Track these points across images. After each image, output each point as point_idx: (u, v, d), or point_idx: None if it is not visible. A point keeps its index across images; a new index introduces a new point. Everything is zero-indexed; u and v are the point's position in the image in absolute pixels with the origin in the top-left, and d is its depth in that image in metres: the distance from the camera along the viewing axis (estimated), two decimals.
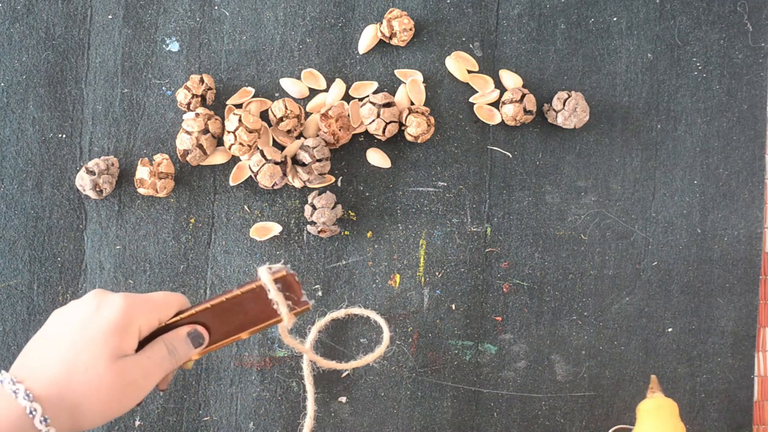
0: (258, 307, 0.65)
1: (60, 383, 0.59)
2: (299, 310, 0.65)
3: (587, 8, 0.81)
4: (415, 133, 0.78)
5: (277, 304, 0.64)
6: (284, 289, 0.65)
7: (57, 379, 0.59)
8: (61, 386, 0.59)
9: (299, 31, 0.80)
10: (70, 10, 0.79)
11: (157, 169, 0.76)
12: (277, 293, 0.64)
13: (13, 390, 0.58)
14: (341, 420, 0.79)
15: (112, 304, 0.61)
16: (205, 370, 0.78)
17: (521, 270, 0.80)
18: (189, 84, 0.77)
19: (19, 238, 0.78)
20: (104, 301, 0.62)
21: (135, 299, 0.62)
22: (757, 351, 0.82)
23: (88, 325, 0.61)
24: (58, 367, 0.59)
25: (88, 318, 0.61)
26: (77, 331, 0.61)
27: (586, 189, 0.81)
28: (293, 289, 0.65)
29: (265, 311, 0.65)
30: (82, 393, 0.60)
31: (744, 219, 0.81)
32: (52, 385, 0.59)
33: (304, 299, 0.65)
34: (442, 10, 0.81)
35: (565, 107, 0.78)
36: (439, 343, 0.80)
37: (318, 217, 0.77)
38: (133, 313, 0.62)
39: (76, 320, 0.61)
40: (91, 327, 0.60)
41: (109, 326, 0.60)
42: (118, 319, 0.61)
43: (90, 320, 0.61)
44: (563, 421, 0.80)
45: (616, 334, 0.81)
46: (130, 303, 0.62)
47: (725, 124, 0.82)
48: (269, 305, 0.65)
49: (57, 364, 0.59)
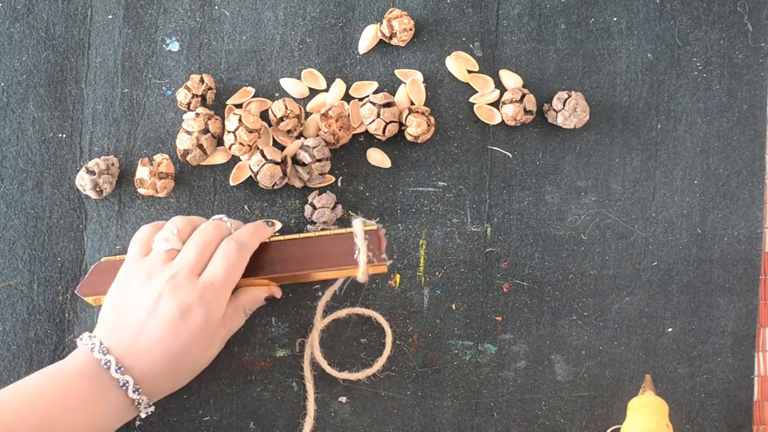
0: (342, 252, 0.70)
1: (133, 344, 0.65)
2: (377, 264, 0.70)
3: (587, 8, 0.81)
4: (415, 133, 0.78)
5: (359, 250, 0.69)
6: (370, 244, 0.70)
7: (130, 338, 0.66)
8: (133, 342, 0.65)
9: (299, 31, 0.80)
10: (70, 10, 0.79)
11: (157, 169, 0.76)
12: (363, 241, 0.69)
13: (103, 361, 0.64)
14: (341, 420, 0.79)
15: (195, 317, 0.66)
16: (205, 370, 0.78)
17: (521, 270, 0.80)
18: (189, 84, 0.77)
19: (19, 238, 0.78)
20: (185, 307, 0.66)
21: (212, 298, 0.66)
22: (757, 351, 0.82)
23: (176, 333, 0.66)
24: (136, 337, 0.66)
25: (175, 325, 0.66)
26: (167, 333, 0.66)
27: (586, 189, 0.81)
28: (377, 245, 0.70)
29: (346, 259, 0.70)
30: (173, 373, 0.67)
31: (744, 219, 0.81)
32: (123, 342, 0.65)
33: (383, 257, 0.70)
34: (442, 10, 0.81)
35: (565, 107, 0.78)
36: (439, 343, 0.80)
37: (318, 217, 0.77)
38: (215, 314, 0.67)
39: (161, 323, 0.66)
40: (178, 335, 0.66)
41: (195, 336, 0.66)
42: (203, 327, 0.66)
43: (178, 329, 0.66)
44: (563, 421, 0.80)
45: (616, 334, 0.81)
46: (209, 306, 0.66)
47: (725, 124, 0.82)
48: (351, 255, 0.69)
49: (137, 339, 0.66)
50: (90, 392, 0.63)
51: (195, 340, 0.66)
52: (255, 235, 0.70)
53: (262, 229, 0.72)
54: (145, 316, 0.65)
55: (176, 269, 0.67)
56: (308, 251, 0.70)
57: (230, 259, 0.67)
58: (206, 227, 0.69)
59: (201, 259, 0.68)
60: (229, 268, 0.67)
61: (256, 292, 0.71)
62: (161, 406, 0.78)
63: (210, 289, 0.66)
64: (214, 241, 0.69)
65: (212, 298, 0.66)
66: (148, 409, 0.67)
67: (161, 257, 0.68)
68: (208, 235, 0.69)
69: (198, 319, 0.65)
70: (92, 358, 0.64)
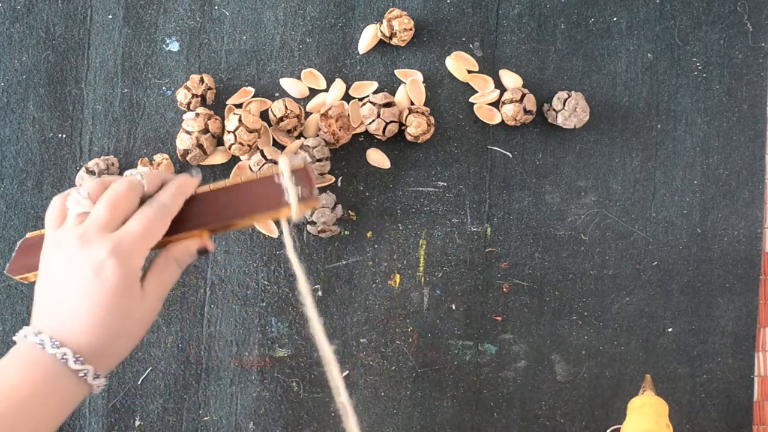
0: (271, 194, 0.66)
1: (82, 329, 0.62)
2: (308, 203, 0.66)
3: (587, 8, 0.81)
4: (415, 133, 0.78)
5: (287, 191, 0.66)
6: (299, 182, 0.66)
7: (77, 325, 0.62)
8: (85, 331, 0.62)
9: (299, 31, 0.80)
10: (70, 10, 0.79)
11: (157, 169, 0.76)
12: (289, 181, 0.66)
13: (38, 342, 0.60)
14: (341, 420, 0.79)
15: (109, 271, 0.62)
16: (205, 370, 0.78)
17: (521, 270, 0.80)
18: (189, 84, 0.77)
19: (19, 238, 0.78)
20: (96, 263, 0.62)
21: (126, 250, 0.63)
22: (757, 351, 0.82)
23: (93, 291, 0.62)
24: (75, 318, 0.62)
25: (90, 283, 0.62)
26: (85, 294, 0.62)
27: (586, 189, 0.81)
28: (307, 183, 0.66)
29: (277, 200, 0.66)
30: (108, 334, 0.62)
31: (744, 219, 0.81)
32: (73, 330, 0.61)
33: (315, 194, 0.67)
34: (442, 10, 0.81)
35: (565, 107, 0.78)
36: (439, 343, 0.80)
37: (318, 217, 0.77)
38: (132, 267, 0.63)
39: (77, 285, 0.62)
40: (95, 293, 0.62)
41: (113, 291, 0.62)
42: (120, 282, 0.62)
43: (93, 286, 0.62)
44: (563, 421, 0.80)
45: (616, 334, 0.81)
46: (124, 259, 0.62)
47: (725, 124, 0.82)
48: (283, 196, 0.66)
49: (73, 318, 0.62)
50: (37, 376, 0.62)
51: (118, 295, 0.63)
52: (178, 194, 0.66)
53: (186, 185, 0.67)
54: (62, 282, 0.63)
55: (84, 228, 0.63)
56: (236, 198, 0.67)
57: (148, 217, 0.64)
58: (117, 184, 0.65)
59: (112, 215, 0.64)
60: (146, 224, 0.64)
61: (188, 243, 0.67)
62: (161, 406, 0.78)
63: (123, 242, 0.62)
64: (125, 196, 0.65)
65: (126, 250, 0.62)
66: (98, 381, 0.64)
67: (73, 222, 0.65)
68: (118, 191, 0.65)
69: (112, 273, 0.62)
70: (29, 343, 0.63)
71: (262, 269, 0.79)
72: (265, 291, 0.79)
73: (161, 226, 0.65)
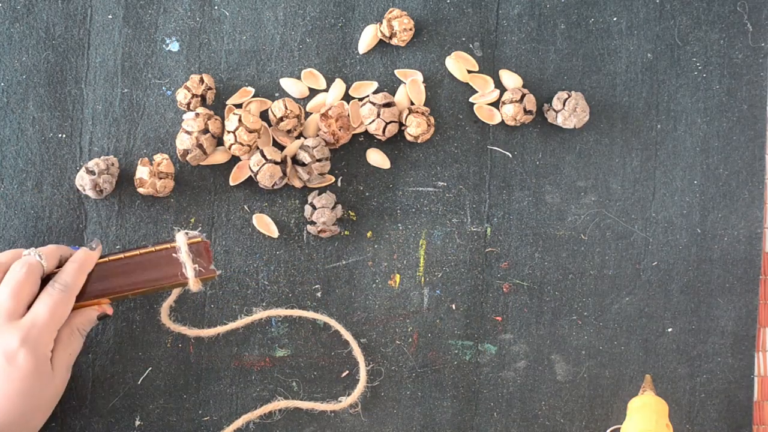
0: (169, 267, 0.70)
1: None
2: (205, 276, 0.70)
3: (587, 8, 0.81)
4: (415, 133, 0.78)
5: (185, 265, 0.70)
6: (196, 255, 0.70)
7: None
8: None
9: (299, 31, 0.80)
10: (70, 10, 0.79)
11: (157, 169, 0.76)
12: (187, 255, 0.70)
13: None
14: (341, 420, 0.79)
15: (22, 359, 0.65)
16: (205, 370, 0.78)
17: (521, 270, 0.80)
18: (189, 84, 0.77)
19: (19, 238, 0.78)
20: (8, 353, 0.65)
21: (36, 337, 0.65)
22: (757, 351, 0.82)
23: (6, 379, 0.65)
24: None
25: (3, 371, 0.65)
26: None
27: (586, 189, 0.81)
28: (204, 257, 0.70)
29: (174, 273, 0.70)
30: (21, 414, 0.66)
31: (744, 219, 0.81)
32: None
33: (212, 268, 0.71)
34: (442, 10, 0.81)
35: (565, 107, 0.78)
36: (439, 343, 0.80)
37: (318, 217, 0.77)
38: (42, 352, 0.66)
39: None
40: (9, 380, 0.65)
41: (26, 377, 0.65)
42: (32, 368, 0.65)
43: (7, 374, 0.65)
44: (563, 421, 0.80)
45: (616, 334, 0.81)
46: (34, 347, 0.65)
47: (725, 124, 0.82)
48: (180, 268, 0.70)
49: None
50: None
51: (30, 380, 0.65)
52: (80, 271, 0.69)
53: (86, 261, 0.70)
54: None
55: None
56: (135, 270, 0.70)
57: (54, 300, 0.67)
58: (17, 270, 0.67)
59: (17, 303, 0.66)
60: (53, 308, 0.66)
61: (88, 312, 0.70)
62: (161, 406, 0.78)
63: (33, 329, 0.65)
64: (26, 281, 0.67)
65: (36, 337, 0.65)
66: None
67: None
68: (19, 277, 0.67)
69: (24, 361, 0.64)
70: None
71: (262, 269, 0.79)
72: (265, 291, 0.79)
73: (67, 308, 0.68)
